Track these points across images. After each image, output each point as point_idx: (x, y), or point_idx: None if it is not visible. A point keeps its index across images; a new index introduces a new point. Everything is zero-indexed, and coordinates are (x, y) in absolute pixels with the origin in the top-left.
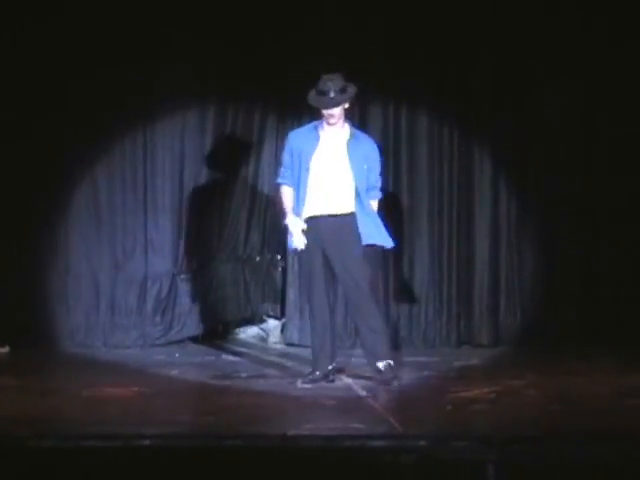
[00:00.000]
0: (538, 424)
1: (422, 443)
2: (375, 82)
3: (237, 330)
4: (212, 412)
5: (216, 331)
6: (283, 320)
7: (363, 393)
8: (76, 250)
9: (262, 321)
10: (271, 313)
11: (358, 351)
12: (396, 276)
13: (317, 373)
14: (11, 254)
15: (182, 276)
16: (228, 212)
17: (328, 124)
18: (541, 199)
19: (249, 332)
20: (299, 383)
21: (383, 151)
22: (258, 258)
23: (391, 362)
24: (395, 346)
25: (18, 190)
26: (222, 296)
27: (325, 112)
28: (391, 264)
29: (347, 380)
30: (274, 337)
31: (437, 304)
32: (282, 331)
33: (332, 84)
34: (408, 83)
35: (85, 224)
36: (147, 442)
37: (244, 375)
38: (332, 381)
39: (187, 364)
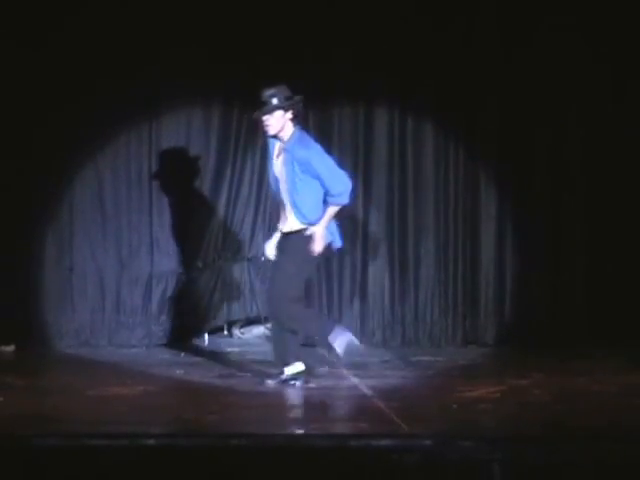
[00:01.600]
0: (543, 423)
1: (427, 442)
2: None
3: (242, 330)
4: (217, 411)
5: (221, 330)
6: None
7: (369, 392)
8: (81, 249)
9: (267, 320)
10: None
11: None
12: (402, 276)
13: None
14: (16, 253)
15: (187, 275)
16: (234, 212)
17: (266, 135)
18: (546, 200)
19: (254, 332)
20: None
21: (388, 157)
22: (263, 258)
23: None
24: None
25: (23, 188)
26: (227, 296)
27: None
28: (397, 264)
29: (353, 380)
30: None
31: (443, 304)
32: None
33: (267, 93)
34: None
35: (90, 223)
36: (152, 441)
37: (249, 374)
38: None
39: (192, 363)
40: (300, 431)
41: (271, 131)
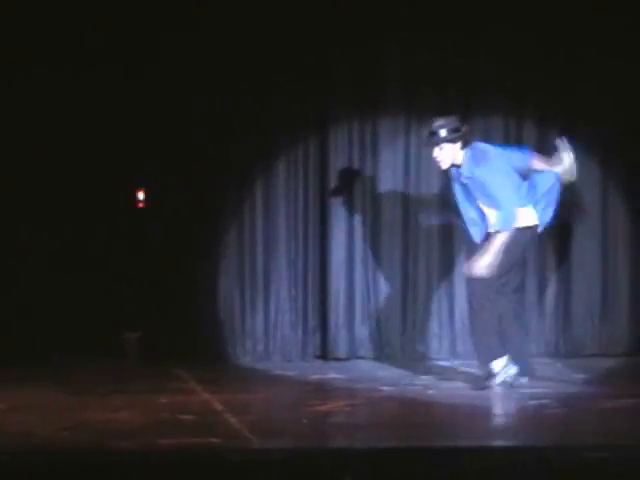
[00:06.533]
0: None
1: (279, 456)
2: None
3: None
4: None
5: None
6: None
7: (220, 407)
8: None
9: None
10: None
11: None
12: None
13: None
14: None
15: None
16: None
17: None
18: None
19: None
20: None
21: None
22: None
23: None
24: None
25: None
26: None
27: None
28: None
29: (204, 395)
30: None
31: (294, 318)
32: None
33: (436, 124)
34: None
35: None
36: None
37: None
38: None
39: None
40: (149, 447)
41: (443, 166)
